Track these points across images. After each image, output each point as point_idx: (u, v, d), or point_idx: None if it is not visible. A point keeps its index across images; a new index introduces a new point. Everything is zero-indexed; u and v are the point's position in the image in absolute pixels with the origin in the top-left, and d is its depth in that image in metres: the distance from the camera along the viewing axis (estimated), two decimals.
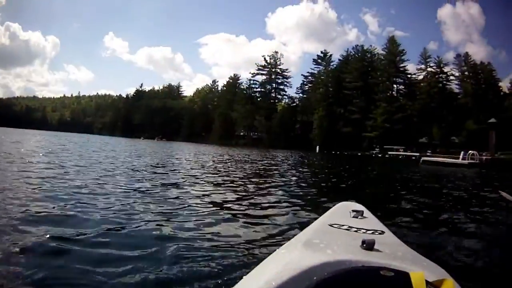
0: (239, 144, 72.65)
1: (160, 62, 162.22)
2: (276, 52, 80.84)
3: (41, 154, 12.48)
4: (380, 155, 54.73)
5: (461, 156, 26.71)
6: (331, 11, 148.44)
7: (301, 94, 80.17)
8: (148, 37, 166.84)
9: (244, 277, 1.02)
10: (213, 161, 16.75)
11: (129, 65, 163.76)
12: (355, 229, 1.40)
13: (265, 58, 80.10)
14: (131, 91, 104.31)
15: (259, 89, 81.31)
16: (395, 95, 72.39)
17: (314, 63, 78.06)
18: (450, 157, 33.14)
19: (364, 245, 1.10)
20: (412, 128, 68.04)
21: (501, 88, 68.14)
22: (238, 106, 76.57)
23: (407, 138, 65.38)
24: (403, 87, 73.29)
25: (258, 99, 79.80)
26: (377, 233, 1.38)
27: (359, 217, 1.64)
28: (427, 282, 0.77)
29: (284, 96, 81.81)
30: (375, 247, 1.10)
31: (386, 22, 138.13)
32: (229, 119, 78.61)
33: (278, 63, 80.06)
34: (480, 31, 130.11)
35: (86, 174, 7.54)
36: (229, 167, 13.09)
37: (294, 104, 79.70)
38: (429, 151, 57.89)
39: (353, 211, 1.69)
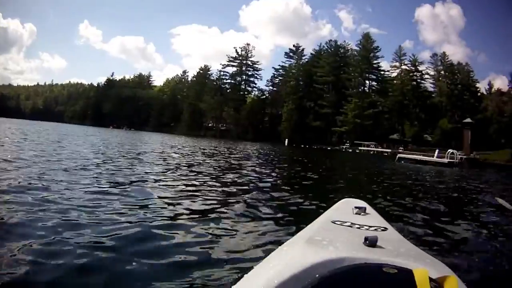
0: (207, 135, 70.11)
1: (132, 52, 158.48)
2: (248, 44, 78.76)
3: None
4: (350, 150, 53.56)
5: (435, 154, 25.82)
6: (306, 6, 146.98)
7: (271, 87, 77.72)
8: (122, 26, 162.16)
9: (246, 274, 0.97)
10: (181, 154, 14.78)
11: (102, 54, 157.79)
12: (358, 226, 1.36)
13: (236, 50, 78.03)
14: (103, 80, 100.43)
15: (229, 81, 78.82)
16: (367, 91, 70.06)
17: (285, 56, 76.14)
18: (426, 154, 32.43)
19: (367, 242, 1.07)
20: (383, 124, 66.46)
21: (478, 89, 66.88)
22: (207, 97, 73.66)
23: (378, 134, 63.42)
24: (375, 83, 71.14)
25: (228, 91, 76.65)
26: (380, 230, 1.34)
27: (362, 213, 1.60)
28: (430, 279, 0.75)
29: (254, 89, 79.44)
30: (378, 244, 1.08)
31: (361, 19, 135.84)
32: (198, 110, 75.71)
33: (249, 55, 77.79)
34: (458, 33, 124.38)
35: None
36: (199, 161, 11.48)
37: (264, 96, 77.02)
38: (401, 148, 56.86)
39: (356, 207, 1.64)
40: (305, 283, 0.85)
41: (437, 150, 28.44)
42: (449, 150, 26.94)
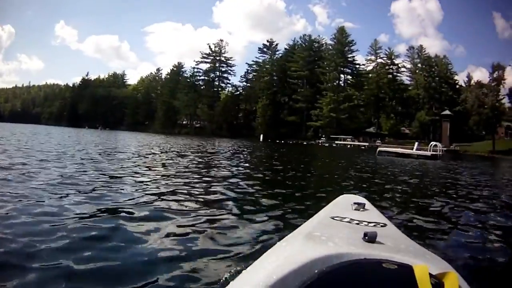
0: (182, 133, 67.50)
1: (106, 51, 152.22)
2: (221, 40, 76.38)
3: None
4: (326, 145, 51.99)
5: (415, 147, 24.82)
6: (280, 1, 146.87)
7: (245, 83, 75.09)
8: (96, 25, 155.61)
9: (244, 270, 0.97)
10: (157, 153, 13.32)
11: (77, 53, 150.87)
12: (357, 222, 1.35)
13: (210, 46, 75.56)
14: (78, 80, 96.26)
15: (202, 77, 76.11)
16: (342, 85, 67.76)
17: (259, 52, 73.73)
18: (405, 147, 31.40)
19: (366, 237, 1.06)
20: (359, 118, 64.47)
21: (457, 82, 65.51)
22: (181, 94, 71.06)
23: (354, 128, 61.71)
24: (350, 77, 69.11)
25: (202, 88, 74.37)
26: (379, 226, 1.33)
27: (361, 209, 1.59)
28: (430, 275, 0.75)
29: (228, 85, 76.96)
30: (377, 239, 1.06)
31: (336, 14, 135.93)
32: (171, 108, 73.07)
33: (222, 51, 75.22)
34: (436, 26, 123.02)
35: None
36: (174, 161, 10.25)
37: (238, 92, 74.61)
38: (379, 141, 55.93)
39: (355, 203, 1.63)
40: (304, 278, 0.83)
41: (416, 143, 27.54)
42: (432, 143, 26.01)
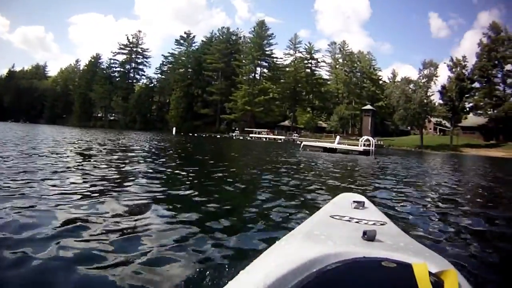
0: (97, 126, 62.47)
1: (33, 42, 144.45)
2: (139, 31, 72.33)
3: None
4: (241, 138, 49.29)
5: (336, 141, 23.20)
6: None
7: (159, 75, 70.51)
8: (26, 15, 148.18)
9: (244, 269, 0.94)
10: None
11: (7, 45, 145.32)
12: (356, 220, 1.32)
13: (128, 38, 71.36)
14: (5, 72, 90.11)
15: (118, 69, 71.77)
16: (258, 78, 63.94)
17: (176, 43, 69.11)
18: (324, 141, 31.15)
19: (365, 236, 1.05)
20: (274, 111, 60.89)
21: (380, 77, 64.04)
22: (97, 86, 66.29)
23: (269, 121, 59.32)
24: (267, 70, 65.09)
25: (117, 79, 70.18)
26: (378, 224, 1.31)
27: (360, 208, 1.55)
28: (430, 273, 0.73)
29: (143, 77, 72.65)
30: (377, 238, 1.05)
31: (257, 8, 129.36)
32: (88, 100, 68.36)
33: (140, 42, 70.99)
34: (362, 24, 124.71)
35: None
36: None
37: (152, 84, 70.23)
38: (296, 134, 54.47)
39: (354, 202, 1.58)
40: (303, 277, 0.82)
41: (338, 137, 25.90)
42: (363, 137, 24.23)
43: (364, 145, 21.77)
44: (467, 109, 52.45)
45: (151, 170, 6.26)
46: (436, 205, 4.63)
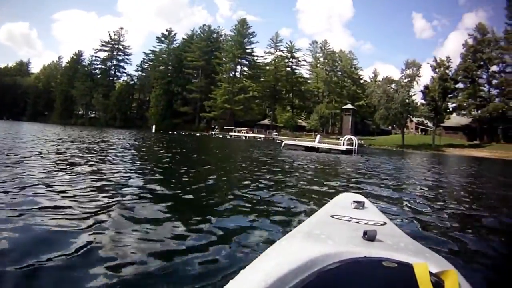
0: (77, 123, 61.21)
1: (17, 39, 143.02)
2: (121, 28, 71.30)
3: None
4: (220, 136, 47.75)
5: (316, 139, 22.44)
6: None
7: (140, 72, 69.49)
8: (12, 11, 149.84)
9: (244, 269, 0.94)
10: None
11: None
12: (357, 220, 1.32)
13: (109, 34, 70.37)
14: None
15: (100, 66, 70.82)
16: (239, 76, 62.57)
17: (157, 41, 68.14)
18: (304, 139, 31.00)
19: (366, 236, 1.04)
20: (254, 109, 59.71)
21: (361, 77, 63.04)
22: (78, 83, 65.32)
23: (249, 119, 58.45)
24: (247, 68, 63.71)
25: (98, 76, 69.19)
26: (378, 224, 1.30)
27: (360, 208, 1.55)
28: (430, 273, 0.73)
29: (124, 74, 71.52)
30: (377, 238, 1.04)
31: (239, 6, 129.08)
32: (69, 97, 67.24)
33: (121, 39, 69.85)
34: (344, 23, 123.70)
35: None
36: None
37: (133, 82, 68.92)
38: (276, 133, 53.23)
39: (354, 202, 1.58)
40: (303, 277, 0.81)
41: (318, 136, 25.12)
42: (346, 136, 23.76)
43: (346, 144, 21.29)
44: (450, 109, 51.26)
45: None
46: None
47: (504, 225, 3.58)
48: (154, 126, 53.08)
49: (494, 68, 50.06)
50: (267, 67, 62.40)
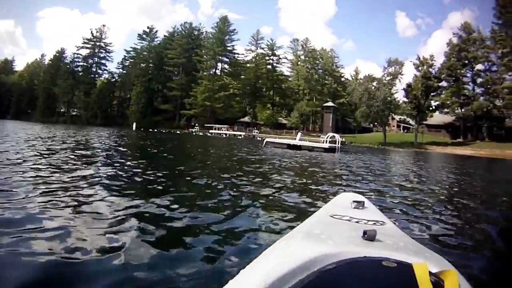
0: (59, 121, 60.61)
1: (3, 36, 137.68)
2: (103, 26, 70.51)
3: None
4: (201, 134, 47.74)
5: (297, 137, 22.04)
6: None
7: (121, 70, 68.49)
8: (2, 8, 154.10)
9: (243, 269, 0.93)
10: None
11: None
12: (356, 220, 1.31)
13: (92, 32, 69.60)
14: None
15: (81, 63, 69.98)
16: (219, 73, 61.55)
17: (138, 38, 67.25)
18: (285, 137, 30.99)
19: (365, 236, 1.03)
20: (234, 107, 58.97)
21: (343, 75, 62.61)
22: (60, 81, 64.72)
23: (229, 117, 57.80)
24: (228, 66, 62.78)
25: (80, 74, 68.43)
26: (378, 224, 1.30)
27: (360, 207, 1.54)
28: (430, 273, 0.72)
29: (105, 71, 70.71)
30: (377, 238, 1.04)
31: (221, 4, 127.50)
32: (52, 95, 66.51)
33: (103, 36, 69.17)
34: (326, 21, 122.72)
35: None
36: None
37: (114, 79, 68.13)
38: (256, 131, 53.44)
39: (354, 201, 1.58)
40: (303, 277, 0.81)
41: (299, 133, 24.66)
42: (329, 134, 23.39)
43: (329, 142, 20.71)
44: (433, 107, 49.97)
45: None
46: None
47: (504, 224, 3.58)
48: (134, 124, 52.11)
49: (479, 66, 49.16)
50: (248, 65, 61.16)
